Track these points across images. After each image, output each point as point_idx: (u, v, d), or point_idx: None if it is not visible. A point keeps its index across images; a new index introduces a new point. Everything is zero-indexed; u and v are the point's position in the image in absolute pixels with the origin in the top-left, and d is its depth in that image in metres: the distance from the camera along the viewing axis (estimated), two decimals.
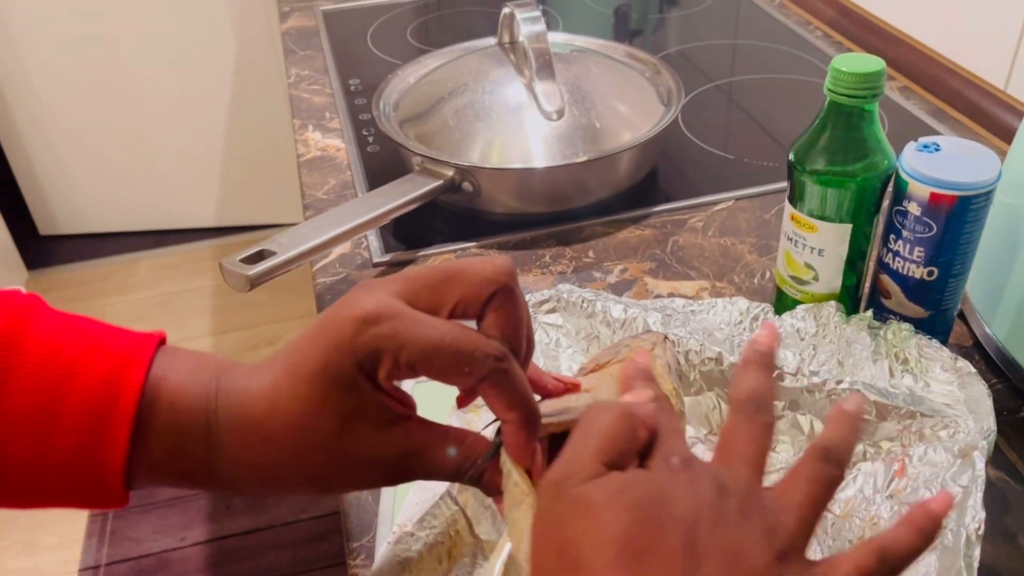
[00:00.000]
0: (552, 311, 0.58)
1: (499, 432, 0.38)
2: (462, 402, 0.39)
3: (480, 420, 0.51)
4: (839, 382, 0.48)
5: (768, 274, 0.68)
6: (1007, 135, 0.81)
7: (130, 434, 0.34)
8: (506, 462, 0.36)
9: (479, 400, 0.37)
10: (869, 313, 0.54)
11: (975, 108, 0.85)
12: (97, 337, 0.35)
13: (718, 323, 0.56)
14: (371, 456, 0.36)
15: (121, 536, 1.57)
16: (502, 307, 0.36)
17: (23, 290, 0.36)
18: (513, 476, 0.36)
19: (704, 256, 0.70)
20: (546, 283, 0.68)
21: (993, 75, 0.84)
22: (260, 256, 0.60)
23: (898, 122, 0.87)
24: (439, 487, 0.46)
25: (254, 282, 0.58)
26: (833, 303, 0.54)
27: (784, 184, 0.56)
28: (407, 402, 0.38)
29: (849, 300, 0.57)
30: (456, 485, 0.46)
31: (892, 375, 0.51)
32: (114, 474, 0.34)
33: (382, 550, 0.45)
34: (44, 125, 2.10)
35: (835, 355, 0.52)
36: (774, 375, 0.46)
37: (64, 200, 2.23)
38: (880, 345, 0.52)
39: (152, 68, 2.03)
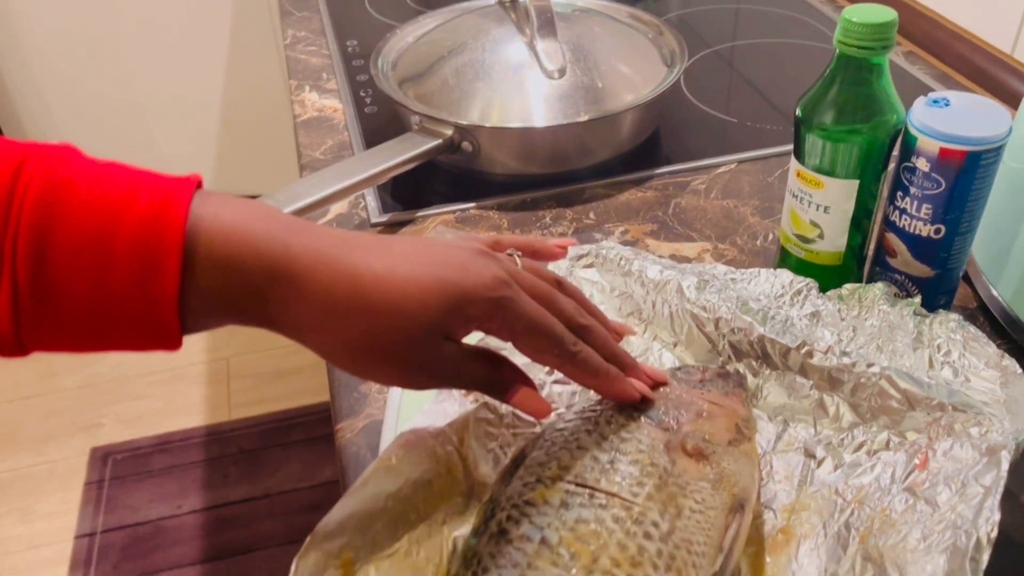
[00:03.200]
0: (589, 266, 0.58)
1: None
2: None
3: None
4: (869, 366, 0.46)
5: (771, 236, 0.67)
6: (1014, 100, 0.80)
7: (181, 262, 0.34)
8: None
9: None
10: (917, 299, 0.51)
11: (982, 73, 0.84)
12: (141, 177, 0.35)
13: (756, 294, 0.54)
14: (429, 363, 0.39)
15: (117, 504, 1.57)
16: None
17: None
18: None
19: (706, 218, 0.69)
20: None
21: (1000, 40, 0.83)
22: None
23: (903, 87, 0.85)
24: (440, 421, 0.46)
25: None
26: (881, 284, 0.52)
27: (789, 147, 0.55)
28: None
29: (854, 260, 0.57)
30: (452, 426, 0.46)
31: (931, 366, 0.48)
32: (168, 304, 0.34)
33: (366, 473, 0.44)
34: (35, 90, 2.07)
35: (875, 339, 0.49)
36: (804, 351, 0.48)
37: None
38: (923, 334, 0.49)
39: (146, 32, 2.00)
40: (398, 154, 0.67)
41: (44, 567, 1.47)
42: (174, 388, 1.79)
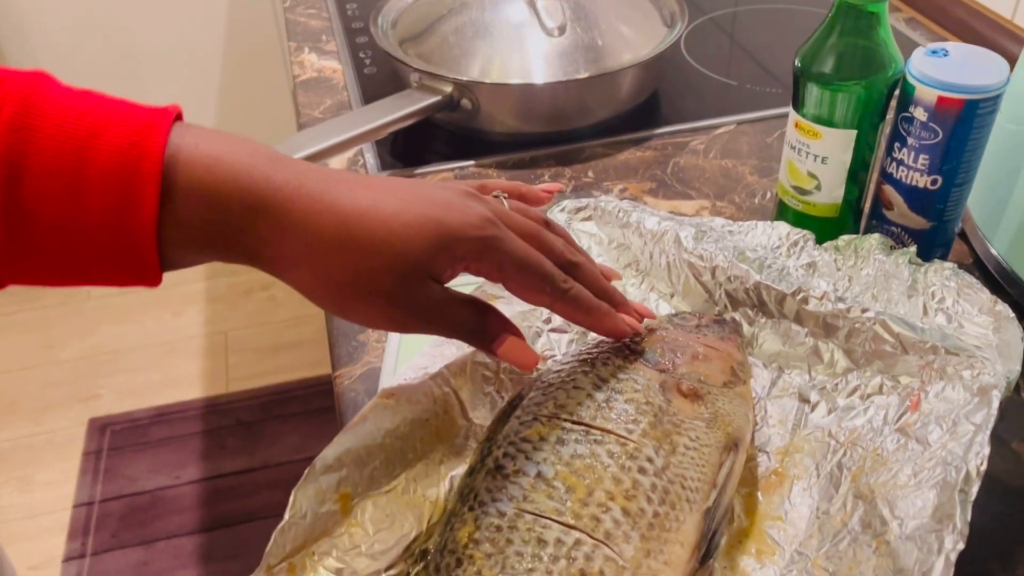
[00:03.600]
0: (587, 219, 0.58)
1: None
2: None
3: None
4: (864, 311, 0.46)
5: (769, 194, 0.67)
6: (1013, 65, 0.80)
7: (159, 192, 0.33)
8: None
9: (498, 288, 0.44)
10: (913, 248, 0.51)
11: (981, 38, 0.83)
12: (117, 105, 0.35)
13: (753, 244, 0.54)
14: (414, 303, 0.39)
15: (115, 474, 1.58)
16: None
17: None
18: None
19: (705, 177, 0.70)
20: None
21: (1000, 4, 0.83)
22: None
23: (904, 52, 0.86)
24: (432, 367, 0.46)
25: None
26: (877, 235, 0.52)
27: (788, 109, 0.55)
28: None
29: (851, 214, 0.57)
30: (450, 368, 0.47)
31: (925, 313, 0.48)
32: (146, 236, 0.34)
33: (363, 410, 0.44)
34: (32, 59, 2.07)
35: (870, 288, 0.50)
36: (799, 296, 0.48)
37: None
38: (918, 282, 0.50)
39: (144, 4, 2.00)
40: (397, 109, 0.67)
41: (43, 535, 1.47)
42: (172, 361, 1.80)
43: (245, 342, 1.85)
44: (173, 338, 1.85)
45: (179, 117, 0.36)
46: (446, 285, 0.40)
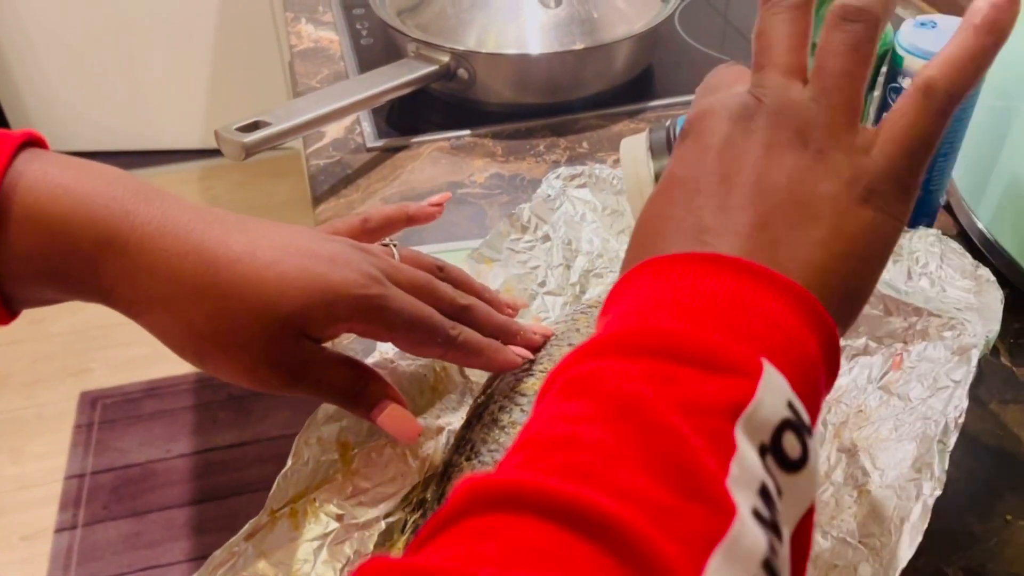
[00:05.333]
0: (582, 186, 0.59)
1: None
2: None
3: None
4: None
5: None
6: None
7: None
8: None
9: None
10: None
11: None
12: None
13: None
14: (281, 360, 0.36)
15: (107, 446, 1.58)
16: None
17: None
18: None
19: None
20: (539, 171, 0.68)
21: None
22: (255, 127, 0.60)
23: (892, 27, 0.87)
24: None
25: (249, 150, 0.58)
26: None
27: None
28: None
29: None
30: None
31: (910, 277, 0.50)
32: None
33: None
34: (25, 40, 2.05)
35: None
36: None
37: (47, 118, 2.19)
38: (903, 247, 0.51)
39: None
40: (394, 78, 0.68)
41: (34, 506, 1.48)
42: None
43: None
44: None
45: (38, 144, 0.35)
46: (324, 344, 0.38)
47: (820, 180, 0.27)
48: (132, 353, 1.75)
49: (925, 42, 0.50)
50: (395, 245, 0.43)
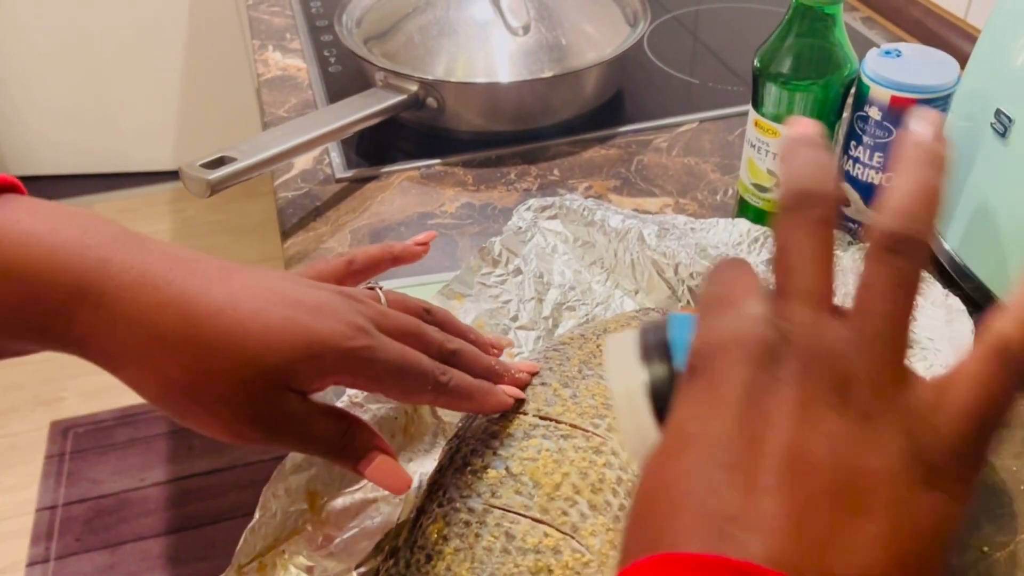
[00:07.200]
0: (553, 217, 0.58)
1: None
2: None
3: None
4: None
5: (731, 191, 0.68)
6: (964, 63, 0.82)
7: None
8: None
9: None
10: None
11: (935, 37, 0.86)
12: None
13: (715, 242, 0.55)
14: (263, 415, 0.35)
15: (79, 477, 1.55)
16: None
17: None
18: None
19: (668, 175, 0.71)
20: (511, 200, 0.68)
21: (953, 4, 0.85)
22: (221, 162, 0.59)
23: (860, 51, 0.88)
24: None
25: (214, 187, 0.58)
26: (834, 231, 0.53)
27: (748, 107, 0.56)
28: None
29: None
30: None
31: None
32: None
33: None
34: None
35: None
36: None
37: (16, 141, 2.16)
38: None
39: (105, 2, 1.97)
40: (363, 108, 0.67)
41: (5, 539, 1.45)
42: None
43: None
44: None
45: (13, 189, 0.34)
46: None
47: (870, 455, 0.22)
48: (104, 381, 1.70)
49: (890, 71, 0.50)
50: (381, 288, 0.42)
